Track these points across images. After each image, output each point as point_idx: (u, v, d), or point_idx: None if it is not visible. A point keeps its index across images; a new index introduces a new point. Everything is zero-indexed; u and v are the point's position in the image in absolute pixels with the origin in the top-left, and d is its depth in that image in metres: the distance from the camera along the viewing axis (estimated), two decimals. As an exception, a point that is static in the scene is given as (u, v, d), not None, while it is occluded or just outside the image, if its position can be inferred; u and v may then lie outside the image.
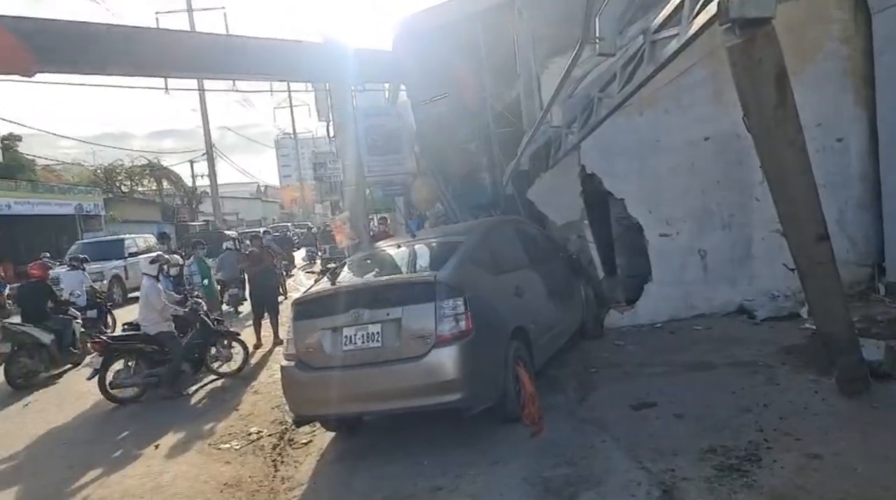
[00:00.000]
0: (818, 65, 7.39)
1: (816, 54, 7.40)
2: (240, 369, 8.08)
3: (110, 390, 7.23)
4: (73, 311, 9.83)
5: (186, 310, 7.85)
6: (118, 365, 7.39)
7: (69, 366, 9.30)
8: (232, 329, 8.65)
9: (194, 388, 7.65)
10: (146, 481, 4.98)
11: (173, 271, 9.59)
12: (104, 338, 7.43)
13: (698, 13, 3.43)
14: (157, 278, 7.67)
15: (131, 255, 17.55)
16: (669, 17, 3.96)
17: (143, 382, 7.40)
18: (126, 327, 7.96)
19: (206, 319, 7.96)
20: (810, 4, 7.31)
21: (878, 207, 7.33)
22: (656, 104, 7.50)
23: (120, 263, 17.24)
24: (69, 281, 11.22)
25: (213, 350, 8.03)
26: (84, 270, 11.74)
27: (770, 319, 6.91)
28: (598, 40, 3.90)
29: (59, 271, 12.25)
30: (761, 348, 5.95)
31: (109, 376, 7.25)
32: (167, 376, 7.37)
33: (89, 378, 7.44)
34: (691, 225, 7.62)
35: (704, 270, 7.63)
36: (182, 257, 11.98)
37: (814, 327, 5.50)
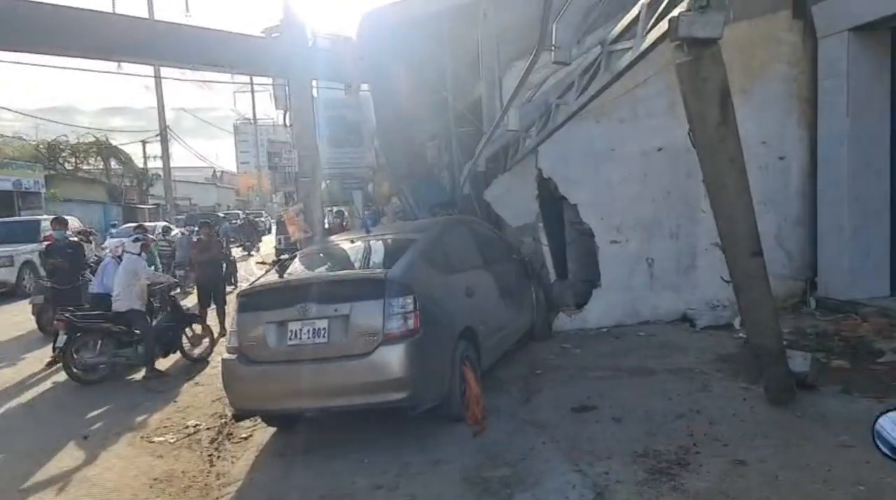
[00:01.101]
0: (766, 85, 7.68)
1: (765, 74, 7.69)
2: (209, 354, 7.99)
3: (73, 369, 7.02)
4: None
5: (171, 281, 8.09)
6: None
7: None
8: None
9: (130, 377, 7.42)
10: (71, 473, 4.79)
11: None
12: (69, 316, 7.14)
13: (651, 28, 3.52)
14: (139, 254, 7.64)
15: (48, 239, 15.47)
16: (626, 29, 4.05)
17: (108, 361, 7.22)
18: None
19: (177, 302, 7.93)
20: (762, 26, 7.59)
21: (814, 224, 7.68)
22: (612, 113, 7.66)
23: (34, 246, 14.25)
24: None
25: (189, 333, 7.96)
26: None
27: (709, 327, 7.17)
28: (553, 48, 3.96)
29: None
30: (699, 355, 6.16)
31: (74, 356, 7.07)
32: (143, 358, 7.28)
33: (52, 357, 7.16)
34: (641, 233, 7.82)
35: (651, 277, 7.84)
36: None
37: (746, 337, 5.73)
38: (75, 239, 9.81)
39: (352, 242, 6.01)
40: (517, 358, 6.57)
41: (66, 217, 10.27)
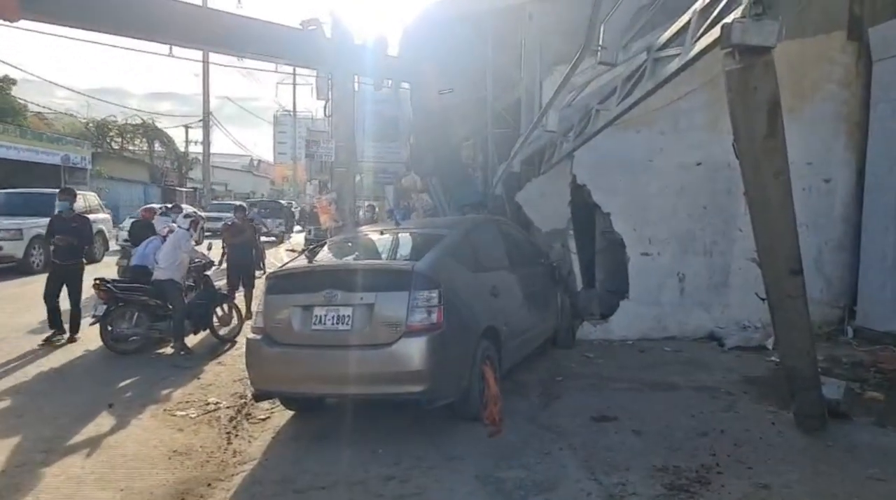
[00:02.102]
0: (815, 105, 7.48)
1: (815, 94, 7.49)
2: (236, 334, 8.12)
3: (111, 339, 7.26)
4: None
5: (206, 262, 8.19)
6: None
7: None
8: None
9: (158, 352, 7.57)
10: (95, 438, 4.90)
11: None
12: (110, 287, 7.36)
13: (702, 35, 3.45)
14: (188, 230, 7.95)
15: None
16: (675, 35, 3.97)
17: (144, 334, 7.44)
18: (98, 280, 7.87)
19: (210, 280, 8.13)
20: (814, 45, 7.41)
21: (857, 250, 7.45)
22: (653, 124, 7.55)
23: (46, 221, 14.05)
24: None
25: (219, 312, 8.10)
26: None
27: (738, 348, 7.00)
28: (600, 48, 3.91)
29: None
30: (726, 375, 6.02)
31: (111, 326, 7.31)
32: (173, 332, 7.45)
33: (91, 325, 7.43)
34: (674, 247, 7.68)
35: (681, 293, 7.69)
36: None
37: (779, 360, 5.57)
38: (81, 213, 9.14)
39: (381, 233, 6.03)
40: (538, 363, 6.51)
41: (73, 188, 9.32)
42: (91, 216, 10.70)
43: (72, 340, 7.90)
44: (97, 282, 7.31)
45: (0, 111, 24.71)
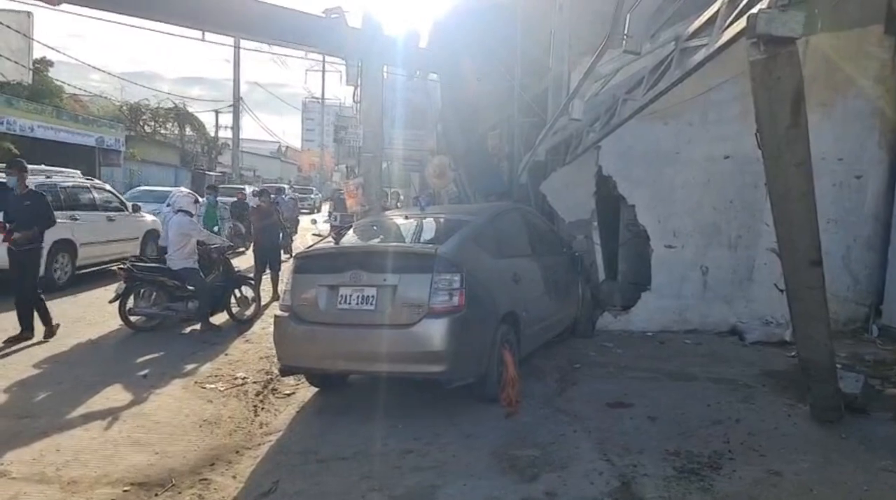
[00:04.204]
0: (849, 100, 7.37)
1: (849, 89, 7.38)
2: (254, 316, 8.31)
3: (128, 316, 7.51)
4: None
5: (222, 244, 8.27)
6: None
7: None
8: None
9: (187, 329, 7.83)
10: (130, 406, 5.14)
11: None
12: (130, 266, 7.64)
13: (729, 25, 3.47)
14: (191, 215, 7.91)
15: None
16: (703, 25, 3.99)
17: (160, 313, 7.68)
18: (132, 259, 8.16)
19: (230, 263, 8.25)
20: (850, 39, 7.27)
21: (885, 249, 7.34)
22: (681, 116, 7.52)
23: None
24: None
25: (238, 294, 8.28)
26: None
27: (760, 343, 6.99)
28: (625, 37, 3.94)
29: None
30: (745, 368, 6.03)
31: (130, 303, 7.56)
32: (196, 313, 7.66)
33: (111, 301, 7.68)
34: (698, 240, 7.66)
35: (704, 286, 7.68)
36: None
37: (795, 351, 5.56)
38: (35, 188, 7.55)
39: (406, 218, 6.16)
40: (557, 351, 6.59)
41: (22, 161, 7.41)
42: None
43: (50, 333, 7.06)
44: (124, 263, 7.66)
45: (37, 93, 25.34)
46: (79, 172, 12.55)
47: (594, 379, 5.73)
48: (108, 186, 12.45)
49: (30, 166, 7.73)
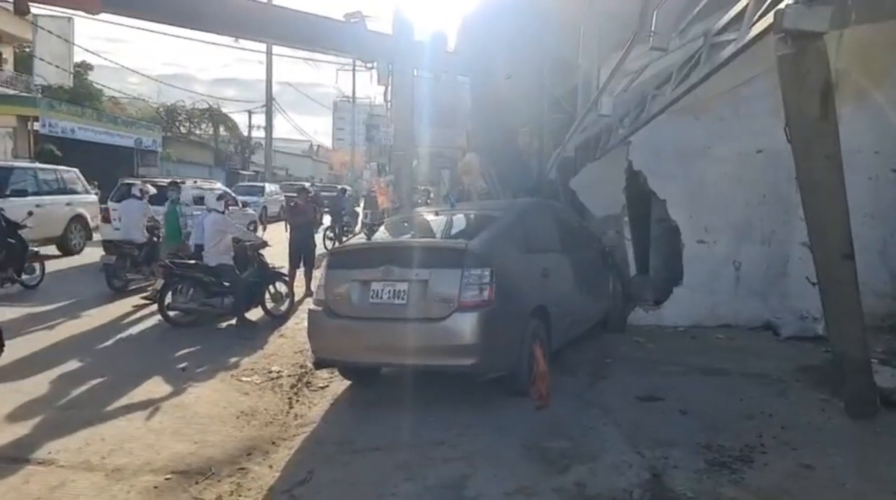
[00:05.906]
0: (885, 91, 7.17)
1: (885, 81, 7.18)
2: (288, 312, 8.50)
3: (167, 312, 7.76)
4: None
5: (260, 240, 8.51)
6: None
7: None
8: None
9: (224, 324, 8.06)
10: (170, 397, 5.35)
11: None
12: (168, 263, 7.91)
13: (758, 20, 3.47)
14: (223, 213, 8.15)
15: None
16: (732, 20, 3.98)
17: (197, 308, 7.91)
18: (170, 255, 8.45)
19: (264, 260, 8.45)
20: (886, 30, 7.07)
21: (925, 243, 7.15)
22: (712, 110, 7.44)
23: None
24: None
25: (272, 290, 8.47)
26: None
27: (794, 338, 6.88)
28: (652, 34, 3.96)
29: None
30: (779, 363, 5.96)
31: (168, 299, 7.81)
32: (231, 309, 7.87)
33: (146, 299, 7.95)
34: (730, 235, 7.58)
35: (736, 281, 7.59)
36: None
37: (830, 346, 5.48)
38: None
39: (436, 214, 6.25)
40: (588, 345, 6.61)
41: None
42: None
43: None
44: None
45: (78, 95, 26.21)
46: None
47: (625, 373, 5.74)
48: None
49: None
